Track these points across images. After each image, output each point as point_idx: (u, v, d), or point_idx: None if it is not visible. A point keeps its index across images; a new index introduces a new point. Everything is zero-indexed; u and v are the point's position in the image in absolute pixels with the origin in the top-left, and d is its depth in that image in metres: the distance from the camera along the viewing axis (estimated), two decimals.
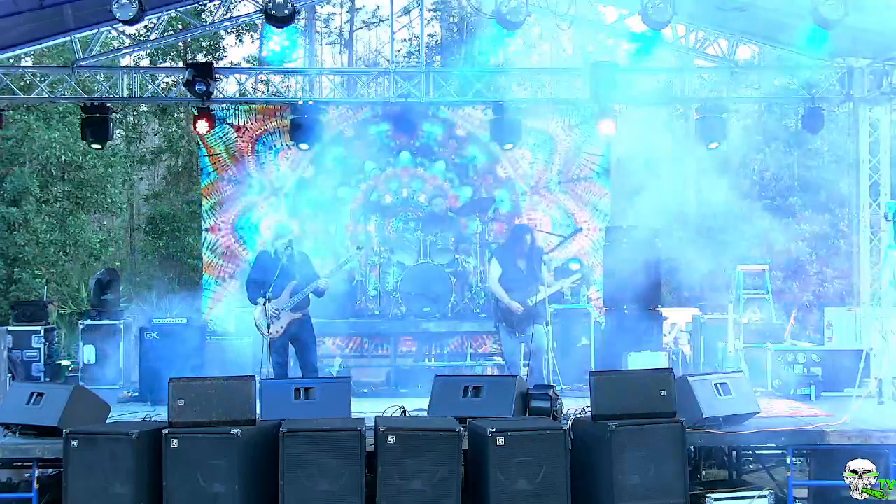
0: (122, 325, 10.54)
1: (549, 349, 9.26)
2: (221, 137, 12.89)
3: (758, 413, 7.09)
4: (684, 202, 21.63)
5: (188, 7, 12.51)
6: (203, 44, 22.17)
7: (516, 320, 8.75)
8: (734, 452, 8.17)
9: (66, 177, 19.46)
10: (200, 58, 21.07)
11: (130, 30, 11.82)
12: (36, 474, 6.70)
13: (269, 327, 8.42)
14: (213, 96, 11.72)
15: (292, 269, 8.66)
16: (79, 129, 12.72)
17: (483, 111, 12.93)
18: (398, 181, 13.02)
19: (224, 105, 12.71)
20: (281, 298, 8.55)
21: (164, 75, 15.39)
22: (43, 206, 18.96)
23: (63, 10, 10.90)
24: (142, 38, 13.97)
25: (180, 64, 20.51)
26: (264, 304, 8.45)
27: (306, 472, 5.99)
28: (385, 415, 7.05)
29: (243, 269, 12.50)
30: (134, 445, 6.02)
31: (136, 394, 9.19)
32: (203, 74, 11.26)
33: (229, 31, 22.01)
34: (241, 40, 24.55)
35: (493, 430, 6.03)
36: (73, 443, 6.10)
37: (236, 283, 12.71)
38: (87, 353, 10.44)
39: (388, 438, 6.02)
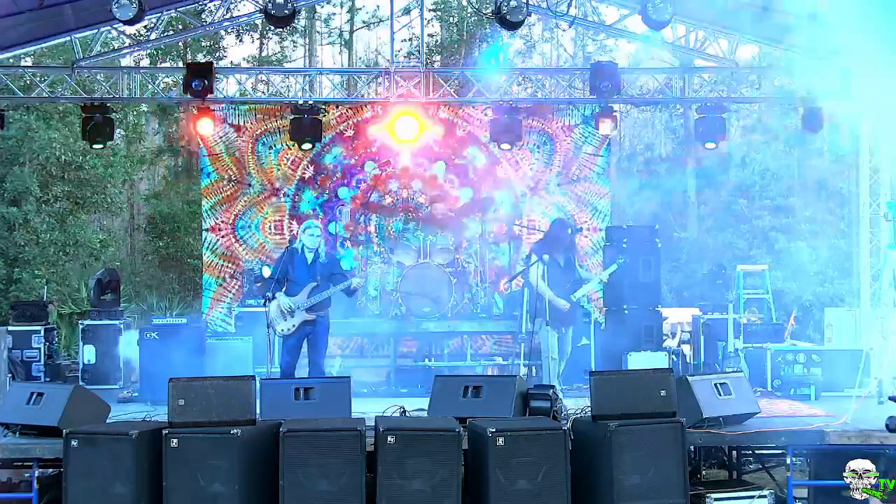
0: (122, 325, 10.54)
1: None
2: (221, 137, 12.89)
3: (758, 413, 7.09)
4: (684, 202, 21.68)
5: (188, 7, 12.51)
6: (203, 44, 22.19)
7: (561, 317, 8.74)
8: (734, 452, 8.16)
9: (66, 177, 19.45)
10: (200, 58, 21.08)
11: (130, 30, 11.82)
12: (36, 474, 6.70)
13: (281, 323, 8.41)
14: (213, 96, 11.73)
15: (315, 268, 8.59)
16: (79, 129, 12.71)
17: (483, 111, 12.94)
18: (398, 181, 13.03)
19: (224, 105, 12.71)
20: (298, 297, 8.48)
21: (164, 75, 15.41)
22: (43, 206, 18.96)
23: (63, 10, 10.91)
24: (142, 38, 13.97)
25: (180, 64, 20.51)
26: (264, 303, 8.43)
27: (306, 472, 5.99)
28: (385, 415, 7.05)
29: (244, 270, 12.51)
30: (134, 445, 6.02)
31: (136, 394, 9.18)
32: (199, 74, 11.27)
33: (229, 31, 22.02)
34: (241, 40, 24.59)
35: (493, 430, 6.03)
36: (73, 443, 6.09)
37: (236, 283, 12.72)
38: (87, 353, 10.45)
39: (388, 438, 6.02)
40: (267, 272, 9.08)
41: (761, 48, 12.95)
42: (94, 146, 12.63)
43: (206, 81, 11.21)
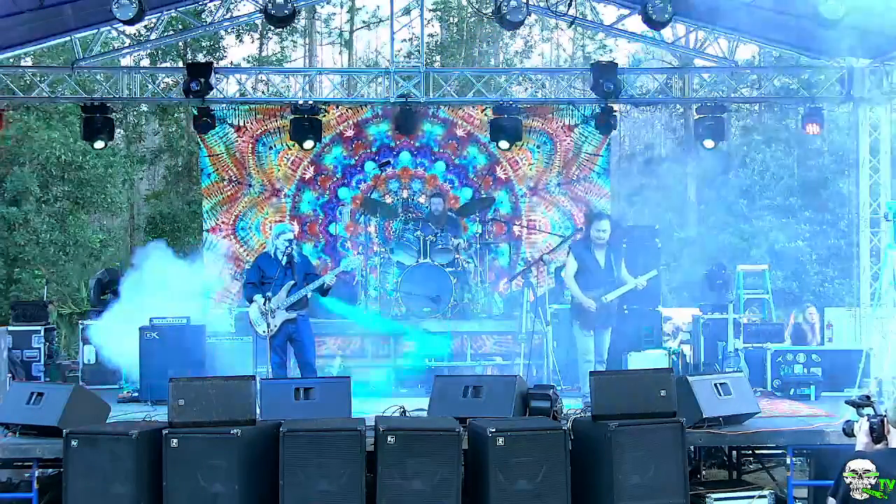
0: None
1: (550, 349, 9.27)
2: (221, 137, 12.88)
3: (758, 413, 7.09)
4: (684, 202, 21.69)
5: (188, 7, 12.51)
6: (203, 44, 22.19)
7: (591, 318, 8.61)
8: (734, 452, 8.16)
9: (66, 177, 19.46)
10: (200, 58, 21.08)
11: (130, 30, 11.82)
12: (36, 474, 6.70)
13: (262, 325, 8.47)
14: (211, 96, 11.74)
15: (291, 269, 8.68)
16: (79, 129, 12.70)
17: (483, 111, 12.94)
18: (398, 181, 13.03)
19: (224, 105, 12.70)
20: (278, 297, 8.55)
21: (164, 75, 15.39)
22: (43, 206, 18.97)
23: (63, 10, 10.90)
24: (142, 38, 13.97)
25: (180, 64, 20.51)
26: (263, 303, 8.45)
27: (306, 472, 5.99)
28: (385, 415, 7.05)
29: (244, 270, 12.48)
30: (134, 445, 6.02)
31: (137, 394, 9.18)
32: (198, 74, 11.27)
33: (229, 31, 22.03)
34: (241, 40, 24.60)
35: (493, 430, 6.03)
36: (73, 443, 6.09)
37: (237, 284, 12.70)
38: (87, 353, 10.44)
39: (388, 438, 6.02)
40: None
41: (761, 48, 12.93)
42: (95, 146, 12.62)
43: (202, 81, 11.21)
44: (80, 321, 11.10)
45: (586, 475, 6.21)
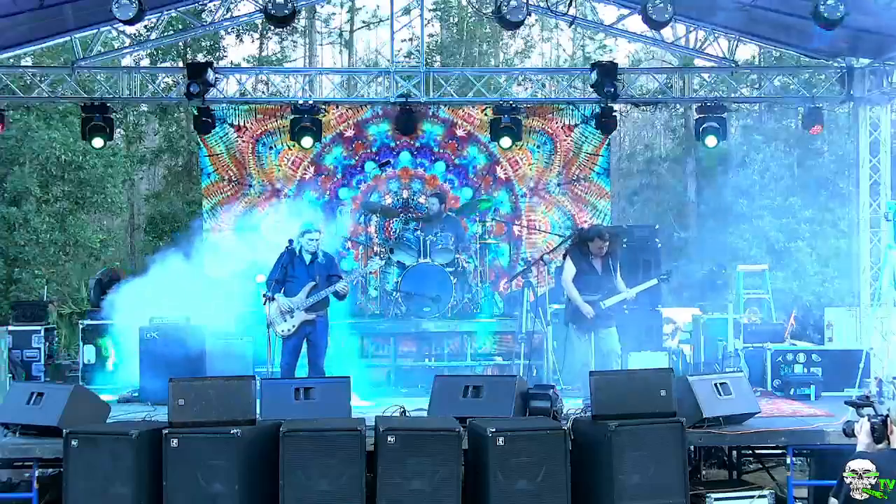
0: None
1: (550, 349, 9.26)
2: (221, 137, 12.88)
3: (758, 413, 7.09)
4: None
5: (188, 7, 12.52)
6: (203, 44, 22.19)
7: (588, 321, 8.62)
8: (734, 452, 8.17)
9: (66, 177, 19.44)
10: (200, 58, 21.07)
11: (130, 30, 11.82)
12: (36, 474, 6.70)
13: (281, 323, 8.42)
14: (211, 96, 11.74)
15: (314, 269, 8.60)
16: (79, 129, 12.70)
17: (483, 111, 12.94)
18: (398, 181, 13.03)
19: (224, 105, 12.70)
20: (297, 297, 8.47)
21: (164, 75, 15.38)
22: (43, 206, 18.96)
23: (63, 10, 10.90)
24: (142, 38, 13.97)
25: (180, 64, 20.51)
26: (265, 303, 8.43)
27: (306, 472, 6.00)
28: (385, 415, 7.05)
29: (243, 270, 12.46)
30: (134, 445, 6.02)
31: (136, 394, 9.18)
32: (197, 74, 11.26)
33: (229, 31, 22.02)
34: (241, 40, 24.59)
35: (493, 430, 6.03)
36: (73, 443, 6.10)
37: (237, 284, 12.68)
38: (87, 353, 10.44)
39: (388, 438, 6.02)
40: (261, 278, 9.10)
41: (761, 48, 12.93)
42: (93, 144, 12.62)
43: (200, 82, 11.20)
44: (79, 321, 11.10)
45: (586, 475, 6.22)
